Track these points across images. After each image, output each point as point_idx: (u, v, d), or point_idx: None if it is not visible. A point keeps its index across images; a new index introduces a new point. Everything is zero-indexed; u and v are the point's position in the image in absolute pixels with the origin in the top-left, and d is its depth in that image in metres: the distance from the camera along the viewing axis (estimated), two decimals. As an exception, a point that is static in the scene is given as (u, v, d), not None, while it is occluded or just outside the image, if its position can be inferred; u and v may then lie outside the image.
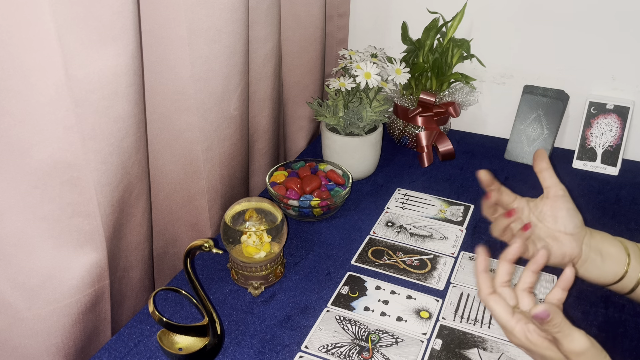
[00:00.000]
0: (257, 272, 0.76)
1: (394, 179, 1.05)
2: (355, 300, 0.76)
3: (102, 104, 0.64)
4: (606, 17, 1.04)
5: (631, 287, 0.70)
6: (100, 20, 0.60)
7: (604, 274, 0.70)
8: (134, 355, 0.68)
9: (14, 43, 0.55)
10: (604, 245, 0.71)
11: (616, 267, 0.70)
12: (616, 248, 0.70)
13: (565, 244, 0.70)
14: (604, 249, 0.70)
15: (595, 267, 0.70)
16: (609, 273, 0.70)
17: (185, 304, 0.75)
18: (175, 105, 0.81)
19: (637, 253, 0.70)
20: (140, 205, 0.78)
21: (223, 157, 0.90)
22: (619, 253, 0.70)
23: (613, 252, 0.70)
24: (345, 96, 0.99)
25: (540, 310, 0.53)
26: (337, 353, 0.68)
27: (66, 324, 0.69)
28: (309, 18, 1.08)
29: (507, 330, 0.59)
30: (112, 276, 0.74)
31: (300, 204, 0.89)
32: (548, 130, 1.09)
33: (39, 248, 0.65)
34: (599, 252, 0.70)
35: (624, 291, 0.71)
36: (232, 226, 0.77)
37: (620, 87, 1.08)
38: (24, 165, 0.61)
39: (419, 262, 0.83)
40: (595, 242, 0.71)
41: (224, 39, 0.80)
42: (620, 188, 1.03)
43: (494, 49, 1.14)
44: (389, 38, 1.22)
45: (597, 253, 0.70)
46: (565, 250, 0.69)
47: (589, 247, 0.70)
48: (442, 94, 1.10)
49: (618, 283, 0.70)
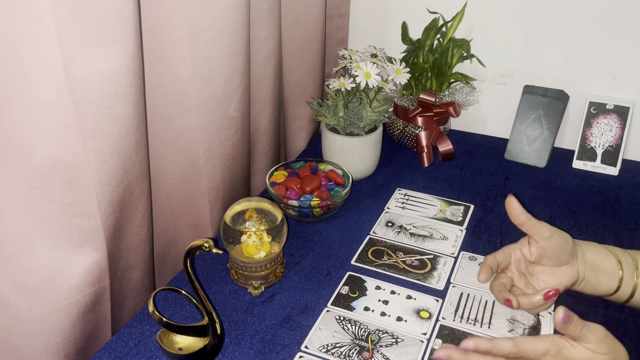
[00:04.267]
0: (257, 272, 0.76)
1: (394, 179, 1.05)
2: (355, 300, 0.76)
3: (102, 104, 0.64)
4: (606, 17, 1.04)
5: (626, 298, 0.72)
6: (101, 20, 0.60)
7: (598, 290, 0.72)
8: (134, 355, 0.68)
9: (14, 43, 0.55)
10: (596, 262, 0.72)
11: (610, 282, 0.71)
12: (609, 262, 0.72)
13: (563, 275, 0.72)
14: (597, 266, 0.72)
15: (590, 285, 0.72)
16: (604, 288, 0.72)
17: (185, 304, 0.75)
18: (176, 105, 0.81)
19: (630, 264, 0.71)
20: (140, 206, 0.78)
21: (224, 157, 0.90)
22: (612, 267, 0.71)
23: (606, 267, 0.72)
24: (345, 96, 0.99)
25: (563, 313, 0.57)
26: (337, 353, 0.68)
27: (66, 324, 0.69)
28: (309, 18, 1.08)
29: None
30: (112, 276, 0.74)
31: (300, 204, 0.89)
32: (548, 130, 1.09)
33: (39, 248, 0.65)
34: (593, 270, 0.72)
35: (620, 301, 0.73)
36: (232, 226, 0.77)
37: (620, 87, 1.08)
38: (24, 165, 0.61)
39: (419, 262, 0.83)
40: (588, 259, 0.72)
41: (225, 39, 0.80)
42: (620, 188, 1.03)
43: (494, 49, 1.14)
44: (389, 38, 1.22)
45: (592, 271, 0.72)
46: (566, 280, 0.72)
47: (583, 266, 0.72)
48: (442, 94, 1.10)
49: (612, 295, 0.72)
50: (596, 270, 0.72)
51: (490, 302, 0.75)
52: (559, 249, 0.71)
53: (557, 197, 0.99)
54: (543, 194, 1.00)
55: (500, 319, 0.73)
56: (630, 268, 0.71)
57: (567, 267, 0.72)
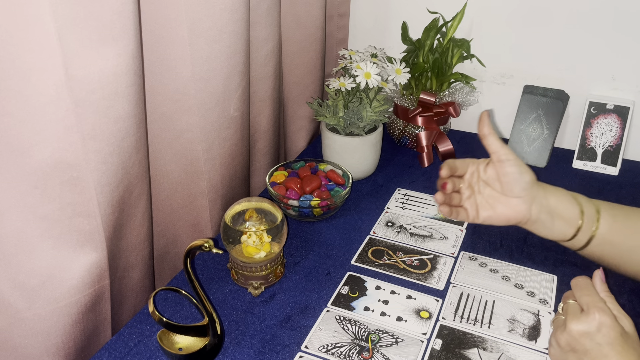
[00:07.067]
0: (257, 272, 0.76)
1: (394, 179, 1.05)
2: (355, 300, 0.76)
3: (102, 104, 0.64)
4: (606, 17, 1.04)
5: (580, 246, 0.73)
6: (101, 20, 0.60)
7: (552, 234, 0.73)
8: (134, 355, 0.68)
9: (14, 43, 0.55)
10: (557, 208, 0.72)
11: (566, 229, 0.72)
12: (570, 210, 0.72)
13: (511, 207, 0.72)
14: (556, 211, 0.72)
15: (544, 227, 0.72)
16: (558, 233, 0.72)
17: (185, 304, 0.75)
18: (176, 105, 0.81)
19: (592, 214, 0.71)
20: (140, 205, 0.78)
21: (224, 157, 0.90)
22: (573, 215, 0.71)
23: (566, 214, 0.72)
24: (345, 96, 0.99)
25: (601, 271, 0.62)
26: (337, 353, 0.68)
27: (66, 324, 0.69)
28: (309, 18, 1.08)
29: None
30: (112, 276, 0.74)
31: (300, 204, 0.89)
32: (548, 130, 1.09)
33: (39, 248, 0.65)
34: (550, 213, 0.72)
35: (574, 248, 0.74)
36: (232, 226, 0.77)
37: (620, 87, 1.08)
38: (24, 165, 0.61)
39: (419, 262, 0.83)
40: (548, 202, 0.72)
41: (225, 39, 0.80)
42: (620, 188, 1.03)
43: (494, 49, 1.14)
44: (389, 38, 1.22)
45: (549, 214, 0.72)
46: (510, 214, 0.72)
47: (540, 208, 0.71)
48: (442, 94, 1.10)
49: (568, 242, 0.73)
50: (553, 215, 0.72)
51: (490, 302, 0.76)
52: (511, 178, 0.71)
53: (557, 197, 0.99)
54: (543, 194, 1.00)
55: (500, 319, 0.73)
56: (591, 218, 0.71)
57: (518, 201, 0.71)
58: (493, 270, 0.81)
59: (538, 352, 0.68)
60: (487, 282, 0.79)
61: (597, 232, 0.71)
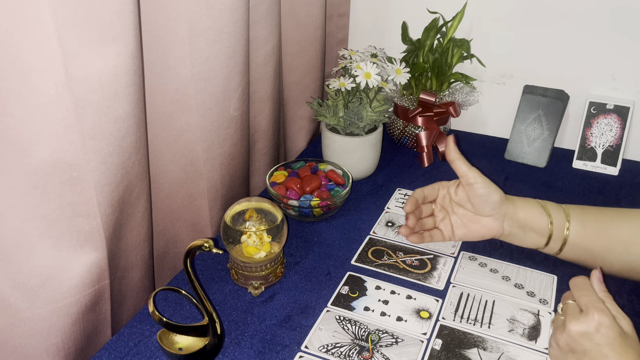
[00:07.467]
0: (257, 272, 0.76)
1: (394, 179, 1.05)
2: (355, 300, 0.76)
3: (102, 104, 0.64)
4: (606, 17, 1.04)
5: (554, 252, 0.76)
6: (100, 20, 0.60)
7: (524, 244, 0.78)
8: (134, 355, 0.68)
9: (14, 43, 0.55)
10: (527, 221, 0.76)
11: (538, 239, 0.76)
12: (540, 221, 0.75)
13: (484, 225, 0.77)
14: (527, 224, 0.76)
15: (517, 239, 0.77)
16: (531, 243, 0.77)
17: (185, 304, 0.75)
18: (175, 105, 0.81)
19: (561, 222, 0.74)
20: (140, 205, 0.78)
21: (223, 157, 0.90)
22: (543, 226, 0.75)
23: (536, 226, 0.75)
24: (345, 96, 0.99)
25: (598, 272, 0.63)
26: (337, 353, 0.68)
27: (66, 324, 0.69)
28: (309, 18, 1.08)
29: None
30: (112, 276, 0.74)
31: (300, 204, 0.89)
32: (548, 130, 1.09)
33: (39, 248, 0.65)
34: (521, 227, 0.76)
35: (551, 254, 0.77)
36: (232, 226, 0.77)
37: (620, 87, 1.08)
38: (24, 165, 0.61)
39: (419, 262, 0.83)
40: (518, 217, 0.76)
41: (225, 39, 0.80)
42: (620, 188, 1.03)
43: (494, 49, 1.14)
44: (389, 38, 1.22)
45: (520, 228, 0.76)
46: (484, 231, 0.77)
47: (511, 223, 0.76)
48: (442, 94, 1.10)
49: (543, 249, 0.77)
50: (524, 228, 0.76)
51: (490, 302, 0.76)
52: (480, 199, 0.75)
53: (557, 197, 0.99)
54: (543, 194, 1.00)
55: (500, 319, 0.73)
56: (560, 228, 0.74)
57: (489, 220, 0.76)
58: (493, 270, 0.81)
59: (538, 352, 0.68)
60: (487, 282, 0.79)
61: (568, 239, 0.74)
